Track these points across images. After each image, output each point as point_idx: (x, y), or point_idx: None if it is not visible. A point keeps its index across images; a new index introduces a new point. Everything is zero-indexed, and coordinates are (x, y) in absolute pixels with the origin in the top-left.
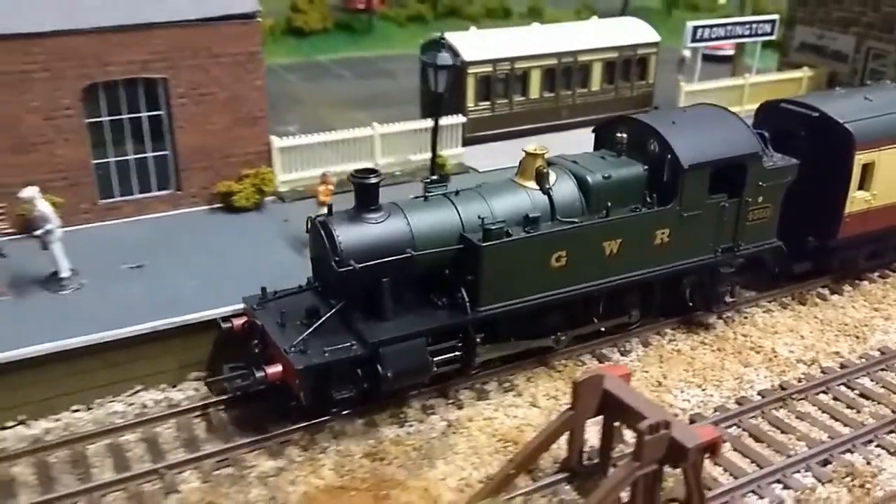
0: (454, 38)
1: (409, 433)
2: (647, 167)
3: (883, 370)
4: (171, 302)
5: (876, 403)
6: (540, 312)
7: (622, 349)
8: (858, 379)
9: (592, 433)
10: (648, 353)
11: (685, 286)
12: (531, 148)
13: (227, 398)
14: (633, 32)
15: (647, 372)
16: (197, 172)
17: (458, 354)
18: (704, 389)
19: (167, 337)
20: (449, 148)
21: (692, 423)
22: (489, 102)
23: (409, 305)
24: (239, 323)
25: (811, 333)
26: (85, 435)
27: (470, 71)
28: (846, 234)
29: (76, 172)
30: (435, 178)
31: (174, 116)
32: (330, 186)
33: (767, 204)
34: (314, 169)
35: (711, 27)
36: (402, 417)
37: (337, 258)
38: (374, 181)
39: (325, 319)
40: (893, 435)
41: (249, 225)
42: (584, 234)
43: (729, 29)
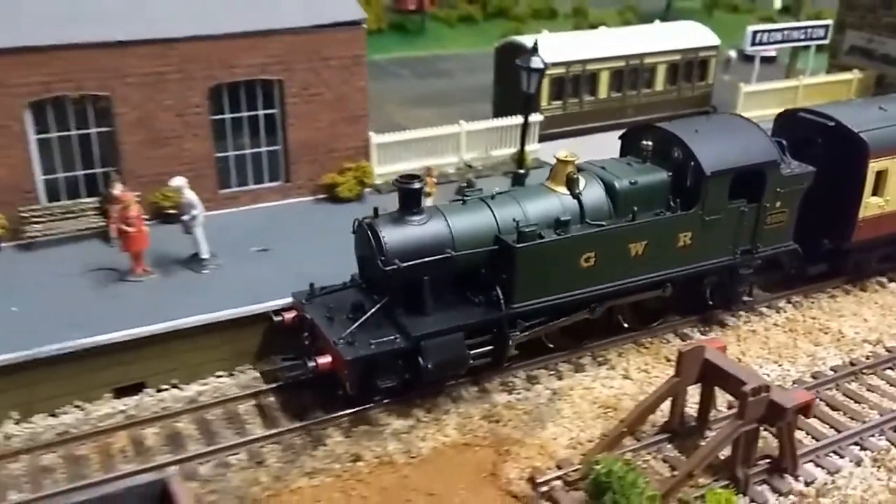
0: (529, 41)
1: (518, 399)
2: (670, 173)
3: None
4: (299, 279)
5: None
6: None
7: (701, 330)
8: None
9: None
10: (726, 332)
11: (706, 286)
12: (562, 155)
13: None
14: (694, 36)
15: (726, 350)
16: (304, 165)
17: (492, 348)
18: (781, 365)
19: None
20: (526, 144)
21: None
22: (561, 101)
23: (447, 302)
24: (289, 316)
25: (873, 317)
26: (234, 396)
27: (545, 72)
28: (860, 237)
29: (201, 164)
30: (467, 184)
31: (287, 114)
32: (433, 178)
33: (785, 209)
34: (407, 163)
35: (770, 31)
36: (510, 386)
37: (383, 257)
38: (417, 186)
39: (370, 314)
40: None
41: (354, 214)
42: (611, 236)
43: (786, 33)
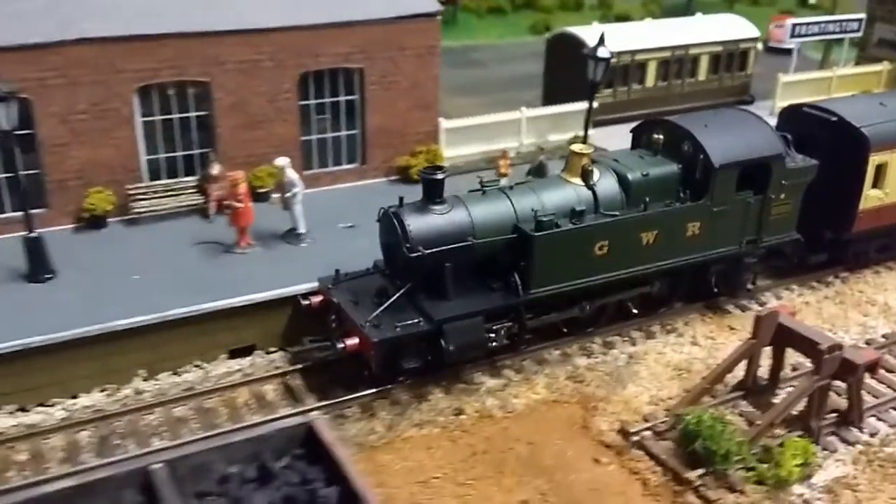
0: (581, 32)
1: (597, 362)
2: (680, 166)
3: None
4: None
5: None
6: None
7: (759, 302)
8: None
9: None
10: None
11: (711, 274)
12: (577, 147)
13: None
14: (735, 28)
15: (795, 316)
16: (379, 149)
17: (509, 331)
18: (835, 333)
19: None
20: (579, 131)
21: None
22: (611, 90)
23: (467, 287)
24: (316, 300)
25: None
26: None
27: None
28: (860, 228)
29: (287, 147)
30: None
31: (366, 100)
32: (508, 160)
33: (789, 200)
34: (470, 146)
35: (807, 24)
36: (589, 350)
37: (408, 245)
38: (440, 177)
39: (395, 299)
40: None
41: None
42: (624, 226)
43: (822, 26)
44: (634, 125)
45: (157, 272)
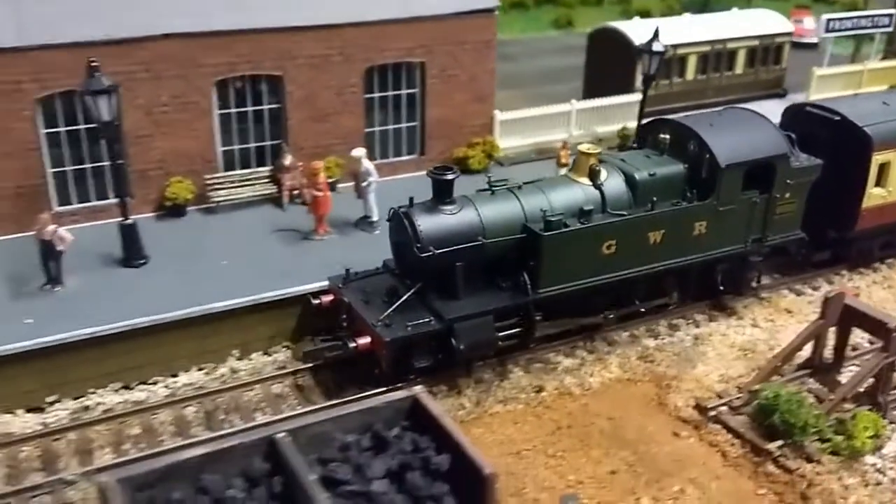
0: (624, 27)
1: (664, 343)
2: (686, 165)
3: None
4: None
5: None
6: (590, 294)
7: (812, 286)
8: None
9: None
10: (834, 289)
11: (717, 272)
12: (585, 147)
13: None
14: (770, 23)
15: (859, 297)
16: (437, 140)
17: (519, 330)
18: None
19: None
20: (627, 122)
21: None
22: (653, 83)
23: (477, 287)
24: (327, 300)
25: None
26: None
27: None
28: (863, 226)
29: (351, 139)
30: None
31: (426, 93)
32: (568, 151)
33: (793, 199)
34: (522, 138)
35: (841, 20)
36: (655, 332)
37: (418, 245)
38: (450, 177)
39: (406, 298)
40: None
41: (483, 184)
42: (631, 225)
43: (855, 21)
44: (639, 126)
45: (242, 258)
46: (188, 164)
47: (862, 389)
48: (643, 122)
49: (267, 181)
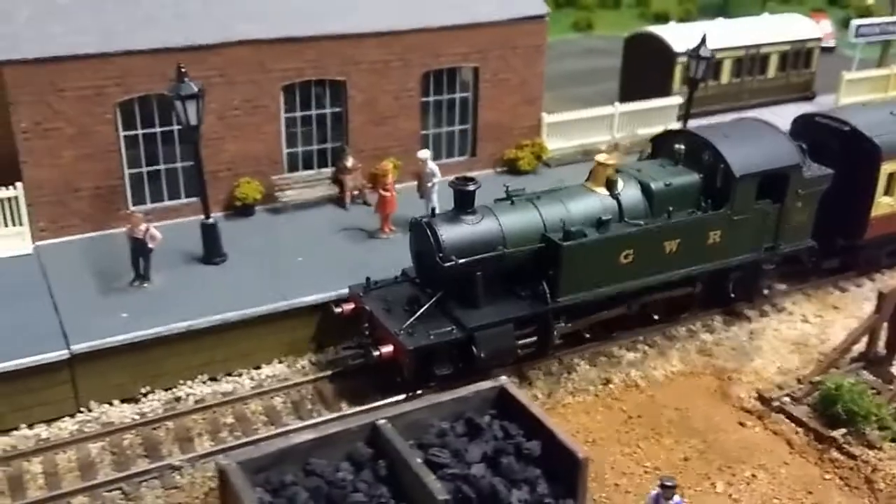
0: (661, 31)
1: (721, 338)
2: (701, 175)
3: None
4: None
5: None
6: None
7: (856, 284)
8: None
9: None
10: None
11: (730, 280)
12: (602, 158)
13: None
14: (800, 28)
15: None
16: (488, 142)
17: (537, 339)
18: None
19: None
20: (666, 125)
21: None
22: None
23: (496, 295)
24: (348, 308)
25: None
26: None
27: (678, 60)
28: (872, 234)
29: (408, 141)
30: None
31: (479, 97)
32: (617, 152)
33: (805, 209)
34: (566, 140)
35: (870, 25)
36: (711, 327)
37: (441, 254)
38: (472, 188)
39: (428, 307)
40: None
41: (533, 183)
42: (648, 234)
43: (883, 27)
44: (653, 136)
45: (315, 255)
46: (255, 165)
47: None
48: (667, 128)
49: (330, 182)
